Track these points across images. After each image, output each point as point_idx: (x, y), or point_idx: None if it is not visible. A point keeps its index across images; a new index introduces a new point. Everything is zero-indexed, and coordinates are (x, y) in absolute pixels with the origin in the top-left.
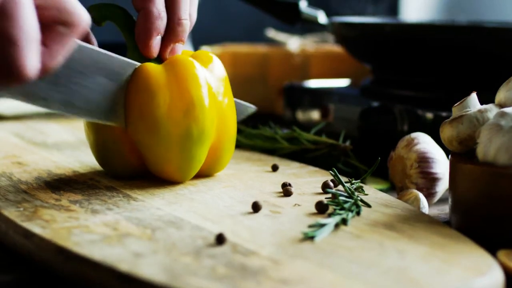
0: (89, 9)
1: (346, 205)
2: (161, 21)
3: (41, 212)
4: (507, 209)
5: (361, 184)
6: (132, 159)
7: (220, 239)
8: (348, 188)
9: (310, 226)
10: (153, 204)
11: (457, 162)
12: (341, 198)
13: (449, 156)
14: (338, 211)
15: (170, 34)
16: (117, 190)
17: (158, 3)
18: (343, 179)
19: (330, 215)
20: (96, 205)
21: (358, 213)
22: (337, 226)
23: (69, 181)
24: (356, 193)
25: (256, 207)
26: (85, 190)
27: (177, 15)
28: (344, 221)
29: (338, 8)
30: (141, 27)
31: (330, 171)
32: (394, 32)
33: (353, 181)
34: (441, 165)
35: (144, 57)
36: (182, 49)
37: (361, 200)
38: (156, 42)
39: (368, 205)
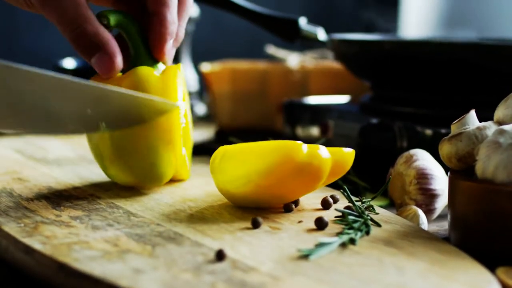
0: (102, 14)
1: (355, 225)
2: (175, 27)
3: (41, 228)
4: (506, 226)
5: (371, 203)
6: None
7: (220, 256)
8: (359, 207)
9: (317, 245)
10: (153, 220)
11: (456, 179)
12: (350, 217)
13: (448, 173)
14: (346, 231)
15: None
16: (118, 206)
17: (172, 8)
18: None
19: (338, 235)
20: (97, 221)
21: (367, 233)
22: (344, 245)
23: (69, 197)
24: (366, 212)
25: (255, 223)
26: (85, 206)
27: (180, 23)
28: (352, 241)
29: (337, 25)
30: (156, 32)
31: (341, 190)
32: (393, 49)
33: (364, 200)
34: (440, 181)
35: (150, 62)
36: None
37: (371, 220)
38: (169, 47)
39: (378, 225)
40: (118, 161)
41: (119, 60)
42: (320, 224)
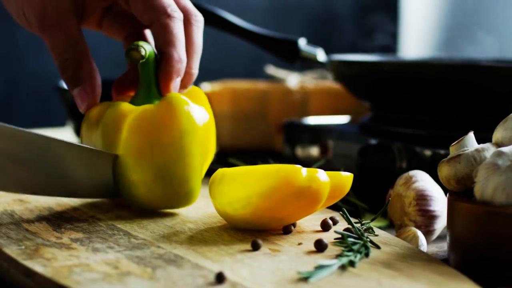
0: (139, 45)
1: (355, 247)
2: (181, 65)
3: (42, 251)
4: (505, 248)
5: (371, 225)
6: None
7: (220, 278)
8: (358, 229)
9: (317, 267)
10: (154, 242)
11: (455, 200)
12: (349, 239)
13: (447, 195)
14: (346, 253)
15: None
16: (118, 228)
17: (179, 48)
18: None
19: (337, 257)
20: (97, 243)
21: (367, 255)
22: (343, 267)
23: (70, 218)
24: (366, 234)
25: (255, 246)
26: (86, 228)
27: (189, 64)
28: (351, 263)
29: (337, 46)
30: (163, 70)
31: (340, 212)
32: (392, 70)
33: (363, 222)
34: (439, 202)
35: (157, 95)
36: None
37: (371, 242)
38: (175, 85)
39: (378, 247)
40: (156, 187)
41: (95, 99)
42: (320, 246)
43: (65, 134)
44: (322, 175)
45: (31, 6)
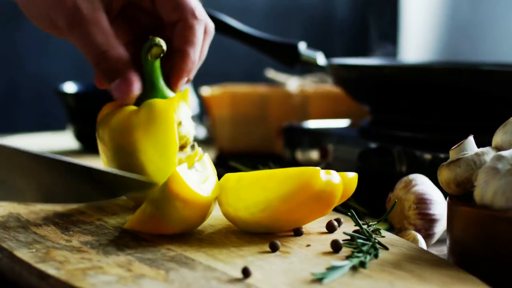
0: (157, 43)
1: (364, 248)
2: (194, 65)
3: (53, 253)
4: (504, 252)
5: (378, 227)
6: None
7: (245, 272)
8: (366, 230)
9: (329, 269)
10: (163, 244)
11: (454, 204)
12: (358, 240)
13: (447, 199)
14: (356, 254)
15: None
16: (126, 231)
17: (197, 49)
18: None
19: (347, 258)
20: (107, 246)
21: (376, 256)
22: (354, 268)
23: (77, 221)
24: (373, 236)
25: (274, 247)
26: (93, 230)
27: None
28: (362, 264)
29: (337, 50)
30: (178, 66)
31: (348, 214)
32: (392, 74)
33: (370, 223)
34: (439, 206)
35: (163, 92)
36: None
37: (379, 243)
38: (183, 82)
39: (386, 248)
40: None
41: (136, 88)
42: (336, 247)
43: (65, 137)
44: (336, 177)
45: (60, 7)
